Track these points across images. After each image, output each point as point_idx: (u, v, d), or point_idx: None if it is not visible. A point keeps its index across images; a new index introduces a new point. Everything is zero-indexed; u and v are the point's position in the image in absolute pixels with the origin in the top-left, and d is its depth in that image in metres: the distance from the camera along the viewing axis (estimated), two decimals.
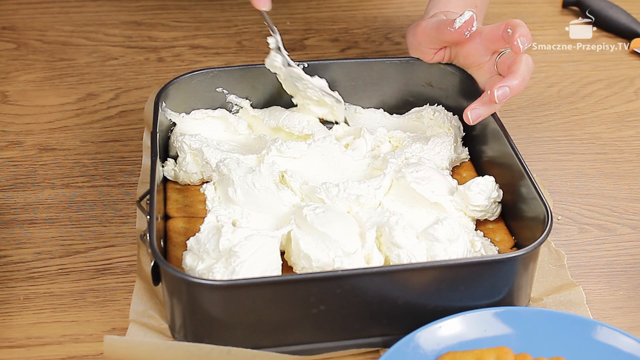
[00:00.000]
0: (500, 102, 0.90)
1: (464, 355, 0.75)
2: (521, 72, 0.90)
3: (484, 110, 0.92)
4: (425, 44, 0.99)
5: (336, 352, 0.80)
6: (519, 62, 0.91)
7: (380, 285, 0.76)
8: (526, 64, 0.91)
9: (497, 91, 0.89)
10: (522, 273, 0.80)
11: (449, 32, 0.94)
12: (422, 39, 0.99)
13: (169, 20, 1.31)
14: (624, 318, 0.85)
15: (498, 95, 0.89)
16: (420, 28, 0.99)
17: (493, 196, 0.89)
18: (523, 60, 0.91)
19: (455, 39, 0.95)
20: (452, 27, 0.94)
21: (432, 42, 0.98)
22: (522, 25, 0.90)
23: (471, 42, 0.96)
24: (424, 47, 1.00)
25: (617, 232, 0.96)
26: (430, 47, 0.99)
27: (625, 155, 1.08)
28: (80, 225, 0.95)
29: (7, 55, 1.24)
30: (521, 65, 0.90)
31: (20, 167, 1.03)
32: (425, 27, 0.98)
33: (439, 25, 0.96)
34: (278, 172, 0.90)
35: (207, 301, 0.76)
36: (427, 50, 1.00)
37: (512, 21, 0.91)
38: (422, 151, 0.95)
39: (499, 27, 0.92)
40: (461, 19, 0.93)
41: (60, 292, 0.87)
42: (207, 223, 0.83)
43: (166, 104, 0.97)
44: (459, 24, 0.93)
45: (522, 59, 0.91)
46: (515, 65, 0.91)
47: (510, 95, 0.89)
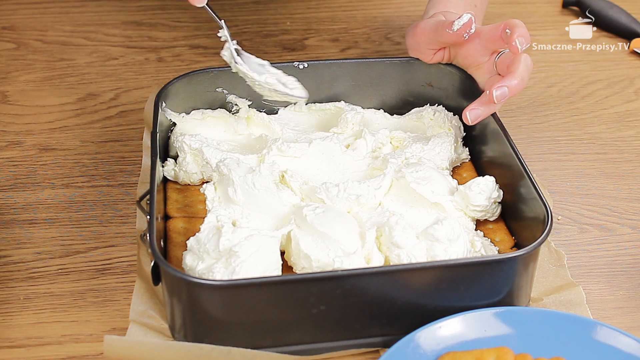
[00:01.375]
0: (499, 102, 0.90)
1: (464, 355, 0.75)
2: (520, 72, 0.90)
3: (483, 110, 0.92)
4: (424, 45, 0.99)
5: (336, 352, 0.80)
6: (518, 62, 0.91)
7: (380, 285, 0.76)
8: (525, 64, 0.90)
9: (496, 91, 0.89)
10: (522, 273, 0.80)
11: (447, 34, 0.94)
12: (421, 40, 0.99)
13: (169, 20, 1.31)
14: (624, 318, 0.85)
15: (497, 96, 0.89)
16: (419, 29, 0.99)
17: (493, 196, 0.89)
18: (522, 60, 0.90)
19: (454, 40, 0.95)
20: (451, 29, 0.94)
21: (431, 43, 0.99)
22: (520, 26, 0.90)
23: (470, 42, 0.96)
24: (423, 47, 1.00)
25: (617, 232, 0.96)
26: (429, 47, 0.99)
27: (625, 155, 1.08)
28: (80, 225, 0.95)
29: (7, 55, 1.24)
30: (520, 65, 0.90)
31: (20, 167, 1.03)
32: (423, 28, 0.98)
33: (437, 27, 0.96)
34: (278, 172, 0.90)
35: (207, 301, 0.76)
36: (426, 51, 1.00)
37: (511, 21, 0.91)
38: (422, 151, 0.95)
39: (497, 27, 0.92)
40: (459, 21, 0.93)
41: (60, 292, 0.87)
42: (207, 223, 0.83)
43: (166, 104, 0.97)
44: (457, 27, 0.93)
45: (520, 59, 0.91)
46: (513, 65, 0.91)
47: (509, 95, 0.89)
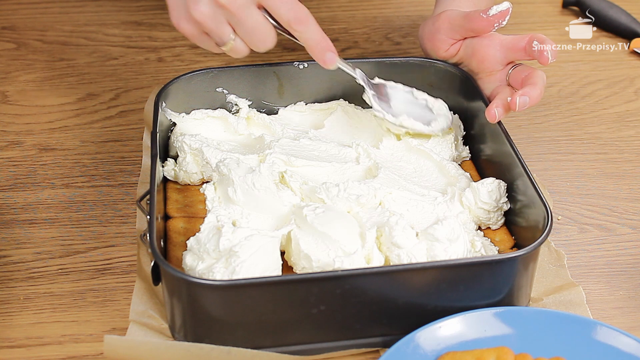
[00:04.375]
0: (519, 110, 0.90)
1: (464, 355, 0.75)
2: (540, 86, 0.91)
3: (502, 111, 0.92)
4: (445, 32, 0.99)
5: (336, 352, 0.80)
6: (538, 76, 0.92)
7: (380, 285, 0.76)
8: (542, 78, 0.92)
9: (519, 98, 0.90)
10: (522, 273, 0.80)
11: (480, 19, 0.94)
12: (444, 26, 0.98)
13: (169, 20, 1.31)
14: (624, 318, 0.85)
15: (519, 103, 0.90)
16: (445, 14, 0.99)
17: (502, 201, 0.89)
18: (540, 75, 0.92)
19: (484, 26, 0.95)
20: (486, 13, 0.94)
21: (454, 30, 0.98)
22: (549, 40, 0.92)
23: (490, 46, 0.96)
24: (442, 34, 0.99)
25: (617, 232, 0.96)
26: (449, 36, 0.99)
27: (625, 155, 1.08)
28: (80, 225, 0.95)
29: (7, 55, 1.24)
30: (539, 79, 0.91)
31: (20, 167, 1.03)
32: (450, 14, 0.98)
33: (469, 13, 0.96)
34: (278, 172, 0.90)
35: (207, 301, 0.76)
36: (446, 40, 0.99)
37: (538, 35, 0.93)
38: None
39: (522, 38, 0.94)
40: (498, 7, 0.94)
41: (60, 292, 0.87)
42: (207, 223, 0.83)
43: (166, 104, 0.97)
44: (494, 12, 0.94)
45: (539, 73, 0.92)
46: (533, 78, 0.92)
47: (529, 105, 0.90)
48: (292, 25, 0.86)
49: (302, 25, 0.86)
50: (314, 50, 0.88)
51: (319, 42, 0.88)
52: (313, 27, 0.87)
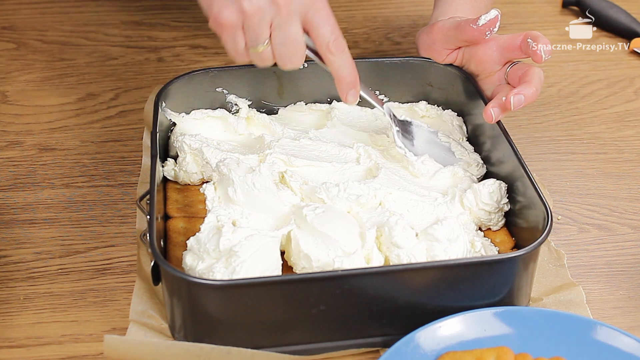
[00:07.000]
0: (514, 109, 0.90)
1: (464, 355, 0.75)
2: (535, 83, 0.91)
3: (499, 111, 0.92)
4: (440, 43, 0.99)
5: (336, 352, 0.80)
6: (533, 73, 0.91)
7: (380, 285, 0.76)
8: (539, 76, 0.91)
9: (514, 97, 0.89)
10: (522, 273, 0.80)
11: (471, 29, 0.94)
12: (438, 37, 0.99)
13: (169, 20, 1.31)
14: (624, 318, 0.85)
15: (514, 102, 0.90)
16: (437, 26, 0.98)
17: (502, 202, 0.89)
18: (536, 72, 0.91)
19: (475, 37, 0.95)
20: (475, 24, 0.94)
21: (448, 41, 0.98)
22: (543, 37, 0.91)
23: (487, 48, 0.96)
24: (438, 46, 0.99)
25: (617, 232, 0.96)
26: (445, 47, 0.99)
27: (625, 155, 1.08)
28: (80, 225, 0.95)
29: (7, 55, 1.24)
30: (535, 76, 0.91)
31: (20, 167, 1.03)
32: (442, 26, 0.98)
33: (460, 23, 0.96)
34: (278, 172, 0.90)
35: (207, 301, 0.76)
36: (442, 50, 1.00)
37: (532, 32, 0.92)
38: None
39: (517, 37, 0.93)
40: (486, 16, 0.94)
41: (60, 292, 0.87)
42: (207, 223, 0.83)
43: (166, 104, 0.97)
44: (483, 22, 0.94)
45: (535, 70, 0.91)
46: (528, 75, 0.91)
47: (524, 103, 0.90)
48: (329, 47, 0.84)
49: (338, 52, 0.85)
50: (341, 82, 0.87)
51: (348, 76, 0.87)
52: (347, 58, 0.86)
